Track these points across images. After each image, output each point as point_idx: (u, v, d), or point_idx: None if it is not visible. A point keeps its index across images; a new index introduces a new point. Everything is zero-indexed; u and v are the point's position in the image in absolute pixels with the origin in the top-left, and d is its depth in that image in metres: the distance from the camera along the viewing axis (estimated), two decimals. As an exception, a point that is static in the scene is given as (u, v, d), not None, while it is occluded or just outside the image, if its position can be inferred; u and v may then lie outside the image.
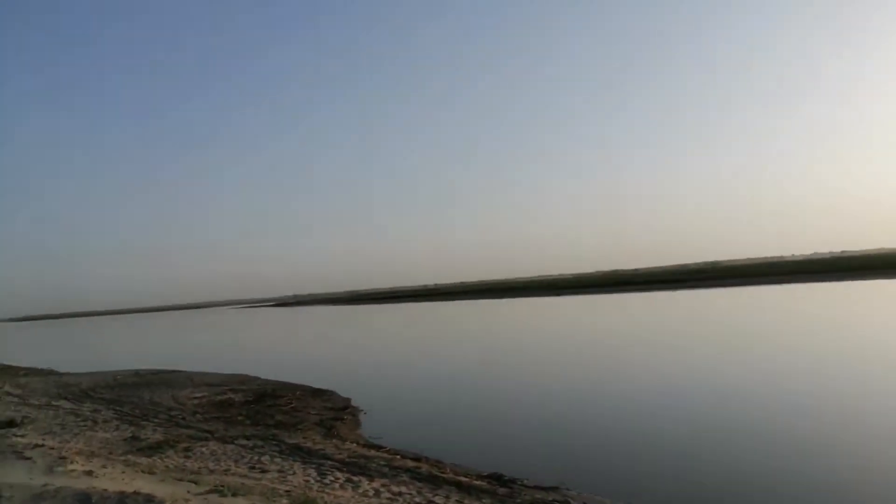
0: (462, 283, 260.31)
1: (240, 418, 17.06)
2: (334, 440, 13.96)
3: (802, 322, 35.07)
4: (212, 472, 10.72)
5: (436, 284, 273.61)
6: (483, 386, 20.70)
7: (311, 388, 21.53)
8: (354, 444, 13.48)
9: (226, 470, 11.01)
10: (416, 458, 11.97)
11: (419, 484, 10.20)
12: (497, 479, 10.53)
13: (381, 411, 17.27)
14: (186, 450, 12.97)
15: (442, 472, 10.81)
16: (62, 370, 34.00)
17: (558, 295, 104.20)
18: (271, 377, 24.82)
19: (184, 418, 17.36)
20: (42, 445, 8.77)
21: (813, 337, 27.87)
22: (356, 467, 11.25)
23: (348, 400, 19.00)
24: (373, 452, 12.58)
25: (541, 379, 21.33)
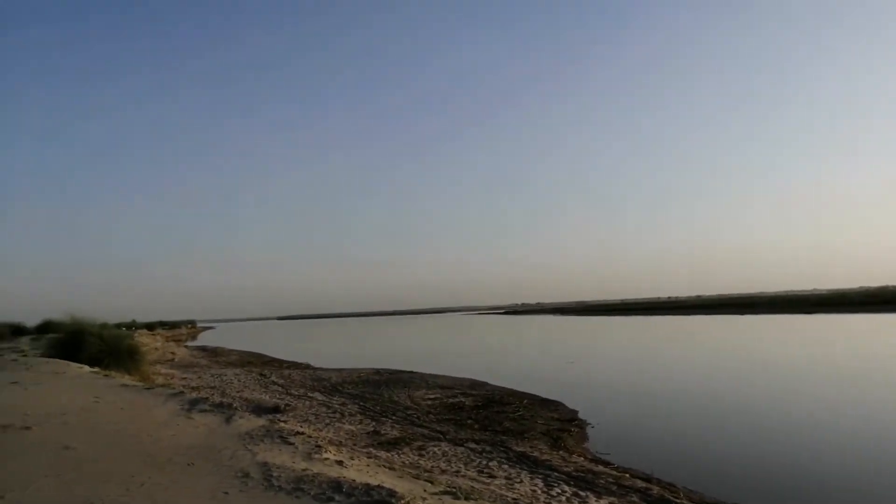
0: (699, 296, 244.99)
1: (469, 422, 17.70)
2: (561, 452, 13.89)
3: None
4: (443, 472, 11.25)
5: (669, 297, 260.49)
6: (724, 406, 19.24)
7: (538, 397, 21.66)
8: (581, 458, 13.29)
9: (456, 471, 11.48)
10: (647, 479, 11.47)
11: (649, 507, 9.78)
12: (738, 512, 9.72)
13: (609, 426, 16.84)
14: (420, 448, 13.77)
15: (675, 497, 10.23)
16: (316, 365, 37.99)
17: (809, 313, 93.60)
18: (499, 384, 25.40)
19: (418, 418, 18.44)
20: (302, 433, 9.86)
21: None
22: (583, 482, 11.09)
23: (575, 412, 18.81)
24: (600, 468, 12.30)
25: (796, 403, 19.30)
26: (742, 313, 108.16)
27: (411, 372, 30.85)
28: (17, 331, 55.32)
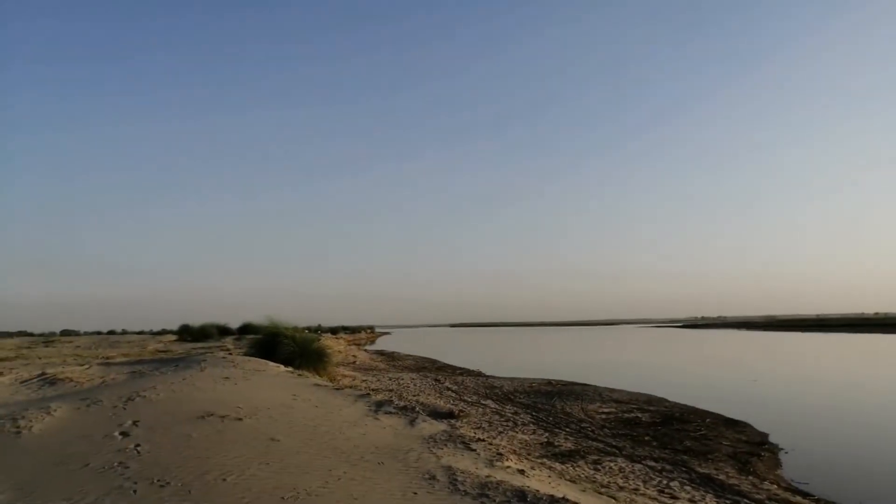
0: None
1: (646, 438, 17.06)
2: (750, 477, 12.97)
3: None
4: (622, 488, 10.95)
5: (876, 313, 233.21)
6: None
7: (722, 416, 20.37)
8: (775, 486, 12.31)
9: (635, 489, 11.12)
10: (854, 515, 10.38)
11: (859, 546, 8.84)
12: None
13: (805, 452, 15.44)
14: (596, 462, 13.49)
15: (889, 538, 9.16)
16: (487, 373, 38.53)
17: None
18: (679, 400, 24.23)
19: (592, 431, 18.08)
20: (482, 440, 10.09)
21: None
22: (778, 512, 10.27)
23: (765, 435, 17.45)
24: (798, 499, 11.32)
25: None
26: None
27: (584, 384, 30.31)
28: (223, 331, 62.05)
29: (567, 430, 18.21)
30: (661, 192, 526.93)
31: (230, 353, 28.03)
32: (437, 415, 18.11)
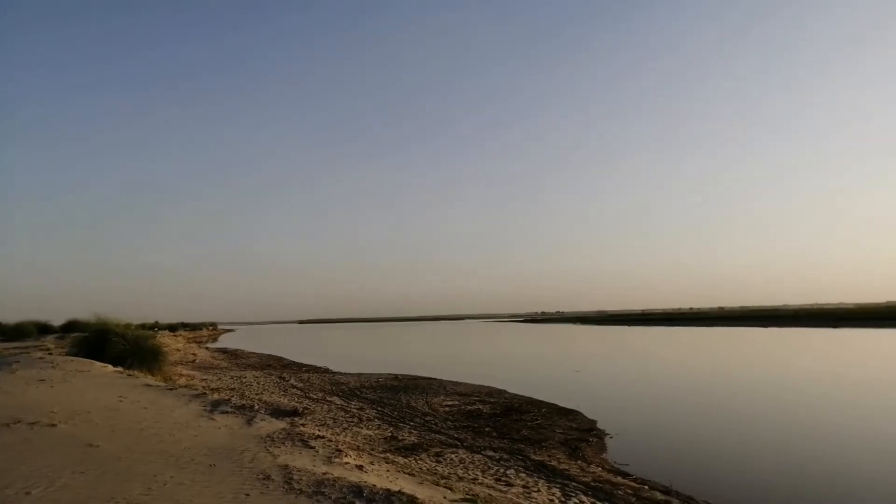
0: (721, 308, 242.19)
1: (487, 429, 17.67)
2: (579, 462, 13.83)
3: None
4: (461, 479, 11.25)
5: (691, 308, 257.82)
6: (744, 419, 19.02)
7: (557, 406, 21.56)
8: (600, 469, 13.21)
9: (474, 479, 11.47)
10: (666, 491, 11.36)
11: (669, 520, 9.69)
12: (758, 527, 9.61)
13: (628, 437, 16.72)
14: (438, 454, 13.78)
15: (694, 511, 10.14)
16: (335, 369, 38.14)
17: (835, 327, 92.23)
18: (518, 392, 25.34)
19: (436, 424, 18.45)
20: (322, 437, 9.93)
21: None
22: (601, 493, 11.02)
23: (594, 422, 18.70)
24: (619, 479, 12.21)
25: (815, 417, 19.04)
26: (765, 326, 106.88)
27: (430, 378, 30.85)
28: (43, 329, 56.27)
29: (411, 423, 18.43)
30: (514, 187, 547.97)
31: (50, 353, 25.58)
32: (279, 413, 17.61)
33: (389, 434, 16.30)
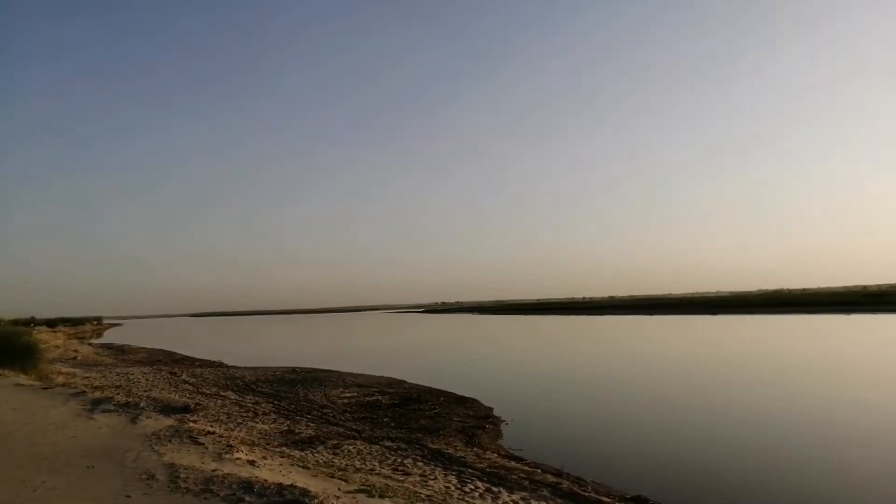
0: (612, 297, 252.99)
1: (385, 420, 17.67)
2: (475, 449, 14.08)
3: None
4: (358, 470, 11.19)
5: (584, 297, 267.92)
6: (629, 403, 19.98)
7: (455, 395, 21.85)
8: (495, 455, 13.50)
9: (371, 469, 11.44)
10: (558, 474, 11.77)
11: (559, 500, 10.03)
12: (641, 502, 10.12)
13: (523, 423, 17.19)
14: (335, 447, 13.65)
15: (583, 491, 10.55)
16: (230, 363, 36.97)
17: (714, 314, 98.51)
18: (417, 381, 25.48)
19: (334, 416, 18.27)
20: (213, 433, 9.59)
21: None
22: (496, 478, 11.27)
23: (490, 409, 19.08)
24: (513, 464, 12.53)
25: (692, 399, 20.26)
26: (651, 314, 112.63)
27: (328, 370, 30.50)
28: None
29: (309, 416, 18.16)
30: (428, 185, 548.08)
31: None
32: (168, 410, 16.90)
33: (286, 428, 15.98)
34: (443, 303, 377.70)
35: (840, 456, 13.03)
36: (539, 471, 11.97)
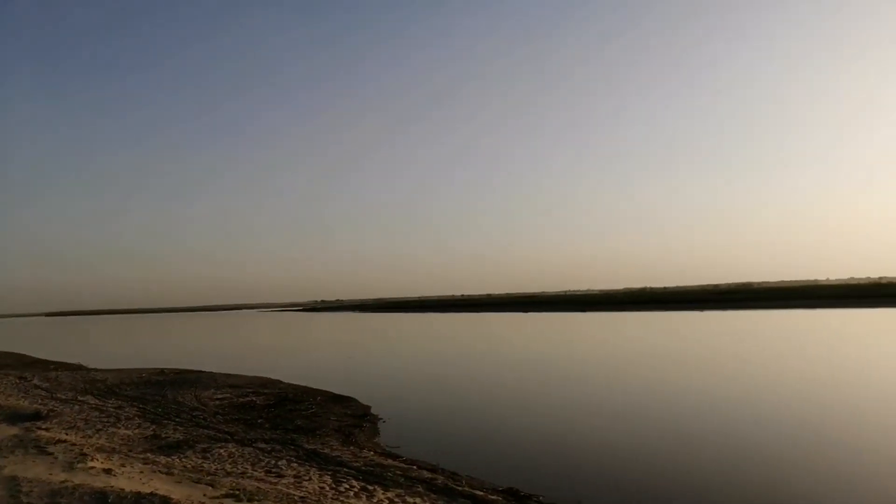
0: (489, 294, 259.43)
1: (260, 421, 17.16)
2: (352, 447, 13.96)
3: (809, 346, 34.38)
4: (228, 474, 10.78)
5: (463, 295, 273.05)
6: (503, 398, 20.57)
7: (332, 393, 21.59)
8: (372, 453, 13.46)
9: (242, 473, 11.06)
10: (433, 470, 11.90)
11: (434, 496, 10.13)
12: (513, 494, 10.41)
13: (400, 420, 17.24)
14: (205, 450, 13.08)
15: (458, 485, 10.73)
16: (90, 366, 34.56)
17: (584, 311, 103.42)
18: (294, 381, 24.96)
19: (205, 419, 17.52)
20: (64, 441, 8.89)
21: (810, 360, 27.30)
22: (372, 476, 11.23)
23: (368, 407, 19.00)
24: (389, 462, 12.54)
25: (562, 393, 21.14)
26: (526, 311, 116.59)
27: (199, 371, 29.24)
28: None
29: (177, 420, 17.31)
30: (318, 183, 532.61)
31: None
32: (15, 418, 15.55)
33: (151, 433, 15.13)
34: (323, 301, 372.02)
35: (689, 433, 14.06)
36: (415, 467, 12.05)
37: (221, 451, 13.17)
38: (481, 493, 10.24)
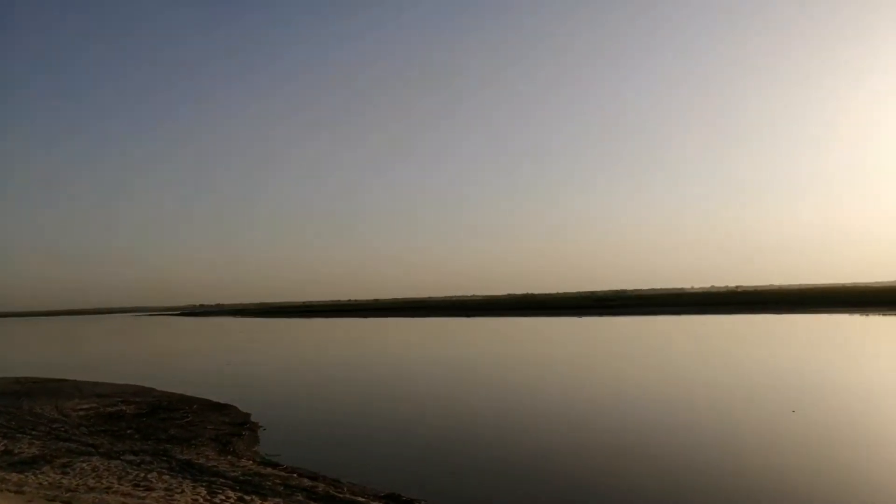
0: (376, 300, 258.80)
1: (129, 432, 16.17)
2: (229, 457, 13.43)
3: (680, 349, 36.88)
4: (91, 489, 10.07)
5: (349, 300, 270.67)
6: (384, 405, 20.50)
7: (210, 401, 20.70)
8: (250, 462, 13.00)
9: (107, 488, 10.36)
10: (314, 477, 11.65)
11: (314, 504, 9.94)
12: (395, 499, 10.38)
13: (280, 428, 16.78)
14: (65, 465, 12.17)
15: (339, 492, 10.56)
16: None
17: (469, 316, 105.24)
18: (169, 389, 23.75)
19: (66, 431, 16.29)
20: None
21: (686, 363, 29.34)
22: (250, 486, 10.84)
23: (248, 415, 18.37)
24: (269, 470, 12.16)
25: (442, 398, 21.35)
26: (414, 316, 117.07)
27: (62, 380, 27.23)
28: None
29: (34, 433, 15.99)
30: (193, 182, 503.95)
31: None
32: None
33: (2, 448, 13.88)
34: (202, 305, 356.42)
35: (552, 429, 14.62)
36: (295, 475, 11.76)
37: (84, 465, 12.30)
38: (363, 500, 10.13)
